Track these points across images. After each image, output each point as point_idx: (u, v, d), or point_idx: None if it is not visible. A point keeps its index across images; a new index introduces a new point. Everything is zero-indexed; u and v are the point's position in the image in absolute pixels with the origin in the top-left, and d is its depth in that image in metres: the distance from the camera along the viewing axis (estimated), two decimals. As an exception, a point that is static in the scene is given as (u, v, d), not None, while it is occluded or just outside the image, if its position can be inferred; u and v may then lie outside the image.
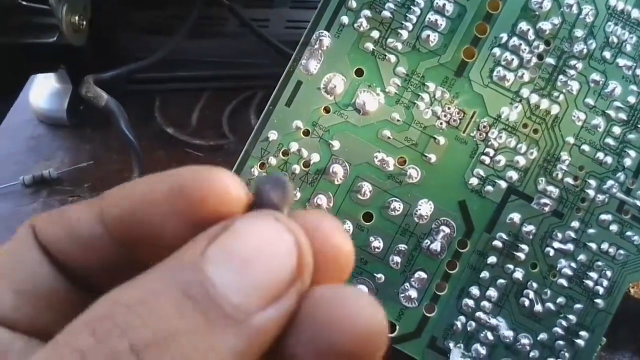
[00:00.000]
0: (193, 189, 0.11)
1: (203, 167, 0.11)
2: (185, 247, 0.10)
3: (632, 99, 0.23)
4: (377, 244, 0.23)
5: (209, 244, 0.10)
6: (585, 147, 0.23)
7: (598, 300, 0.23)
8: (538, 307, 0.23)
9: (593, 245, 0.23)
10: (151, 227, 0.11)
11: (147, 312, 0.09)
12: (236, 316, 0.09)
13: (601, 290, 0.23)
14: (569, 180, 0.23)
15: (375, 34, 0.23)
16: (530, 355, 0.23)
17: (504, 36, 0.23)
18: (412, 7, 0.23)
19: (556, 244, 0.23)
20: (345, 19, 0.23)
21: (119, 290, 0.10)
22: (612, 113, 0.23)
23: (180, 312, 0.09)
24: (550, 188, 0.23)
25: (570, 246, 0.23)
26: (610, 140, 0.23)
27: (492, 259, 0.23)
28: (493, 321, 0.23)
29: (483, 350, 0.23)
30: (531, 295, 0.23)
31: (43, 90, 0.37)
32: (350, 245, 0.11)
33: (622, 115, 0.23)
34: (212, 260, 0.10)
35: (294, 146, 0.24)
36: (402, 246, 0.24)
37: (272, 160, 0.24)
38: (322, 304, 0.10)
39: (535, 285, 0.23)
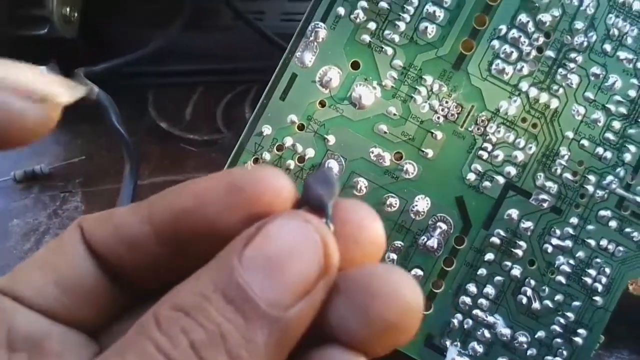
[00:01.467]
0: (250, 186, 0.12)
1: (257, 167, 0.13)
2: (224, 251, 0.12)
3: (632, 93, 0.23)
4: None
5: (244, 247, 0.11)
6: (585, 142, 0.23)
7: (597, 298, 0.23)
8: (536, 305, 0.23)
9: (592, 242, 0.23)
10: (206, 223, 0.12)
11: (201, 316, 0.11)
12: (270, 313, 0.11)
13: (600, 287, 0.23)
14: (568, 175, 0.23)
15: (372, 25, 0.23)
16: (528, 353, 0.23)
17: (503, 28, 0.23)
18: (409, -2, 0.23)
19: (555, 241, 0.23)
20: (341, 10, 0.23)
21: (176, 294, 0.11)
22: (612, 107, 0.23)
23: (224, 315, 0.11)
24: (549, 184, 0.23)
25: (568, 243, 0.23)
26: (610, 135, 0.23)
27: (489, 256, 0.23)
28: (490, 319, 0.23)
29: (480, 349, 0.23)
30: (529, 292, 0.23)
31: (34, 84, 0.37)
32: (383, 235, 0.12)
33: (623, 110, 0.23)
34: (248, 264, 0.11)
35: (288, 141, 0.23)
36: (398, 243, 0.23)
37: (267, 156, 0.23)
38: (373, 279, 0.12)
39: (533, 282, 0.23)
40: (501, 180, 0.23)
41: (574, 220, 0.23)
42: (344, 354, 0.12)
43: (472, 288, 0.23)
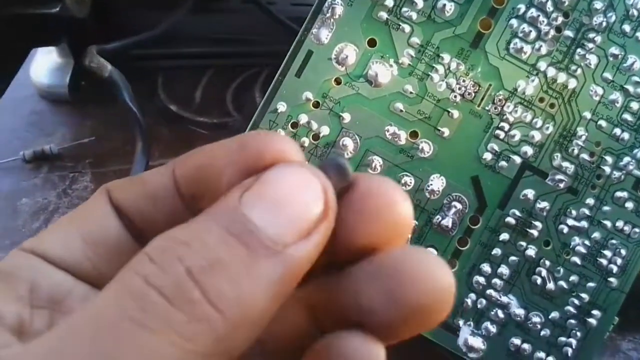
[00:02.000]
0: (253, 145, 0.12)
1: (265, 131, 0.14)
2: (223, 196, 0.11)
3: (651, 74, 0.22)
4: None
5: (244, 192, 0.11)
6: (602, 123, 0.23)
7: (612, 279, 0.23)
8: (550, 285, 0.23)
9: (608, 223, 0.23)
10: (214, 178, 0.13)
11: (199, 245, 0.10)
12: (274, 247, 0.11)
13: (615, 268, 0.23)
14: (585, 156, 0.23)
15: (389, 2, 0.23)
16: (541, 334, 0.23)
17: (522, 7, 0.23)
18: (427, -24, 0.23)
19: (570, 221, 0.23)
20: (358, -13, 0.23)
21: (173, 230, 0.11)
22: (630, 88, 0.23)
23: (226, 245, 0.10)
24: (566, 164, 0.23)
25: (584, 223, 0.23)
26: (627, 116, 0.23)
27: (504, 236, 0.23)
28: (504, 299, 0.23)
29: (493, 329, 0.23)
30: (543, 273, 0.23)
31: (44, 65, 0.37)
32: (411, 214, 0.12)
33: (641, 91, 0.23)
34: (248, 203, 0.11)
35: (303, 118, 0.23)
36: (413, 222, 0.23)
37: (281, 133, 0.23)
38: (404, 263, 0.12)
39: (547, 263, 0.23)
40: (518, 160, 0.23)
41: (590, 201, 0.23)
42: (365, 342, 0.12)
43: (486, 268, 0.23)
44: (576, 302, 0.23)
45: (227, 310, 0.10)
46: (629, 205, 0.23)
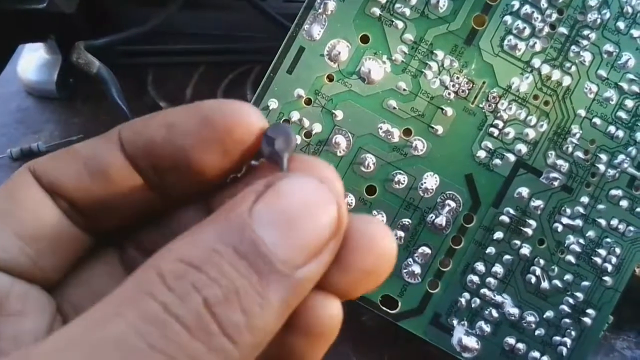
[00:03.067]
0: (221, 120, 0.12)
1: (228, 100, 0.12)
2: (232, 203, 0.11)
3: (645, 71, 0.22)
4: (380, 218, 0.23)
5: (255, 202, 0.11)
6: (597, 120, 0.22)
7: (606, 278, 0.23)
8: (545, 284, 0.22)
9: (602, 222, 0.23)
10: (182, 154, 0.12)
11: (213, 273, 0.10)
12: (284, 271, 0.11)
13: (609, 267, 0.23)
14: (579, 154, 0.23)
15: (382, -2, 0.22)
16: (536, 334, 0.23)
17: (516, 4, 0.22)
18: (421, -29, 0.22)
19: (565, 220, 0.23)
20: (351, -17, 0.22)
21: (180, 247, 0.11)
22: (624, 85, 0.22)
23: (238, 271, 0.10)
24: (560, 162, 0.23)
25: (579, 222, 0.23)
26: (622, 114, 0.22)
27: (498, 235, 0.23)
28: (498, 298, 0.23)
29: (487, 328, 0.23)
30: (538, 272, 0.23)
31: (32, 62, 0.36)
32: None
33: (635, 88, 0.22)
34: (259, 219, 0.11)
35: (295, 115, 0.23)
36: (406, 220, 0.23)
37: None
38: (350, 233, 0.12)
39: (542, 261, 0.23)
40: (512, 158, 0.23)
41: (585, 199, 0.23)
42: (326, 299, 0.12)
43: (480, 267, 0.23)
44: (571, 301, 0.23)
45: (241, 341, 0.10)
46: (624, 203, 0.23)
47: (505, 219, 0.23)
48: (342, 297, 0.12)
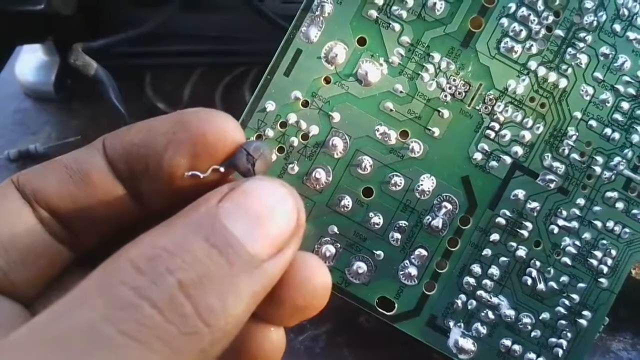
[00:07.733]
0: (195, 124, 0.12)
1: (204, 108, 0.13)
2: (199, 200, 0.12)
3: (641, 74, 0.22)
4: (377, 220, 0.23)
5: (221, 200, 0.11)
6: (593, 123, 0.23)
7: (602, 280, 0.23)
8: (541, 286, 0.23)
9: (598, 223, 0.23)
10: (156, 155, 0.13)
11: (188, 257, 0.10)
12: (253, 263, 0.11)
13: (605, 269, 0.23)
14: (576, 156, 0.23)
15: (379, 0, 0.22)
16: (532, 335, 0.23)
17: (513, 6, 0.22)
18: (417, -26, 0.22)
19: (561, 222, 0.23)
20: (348, -15, 0.22)
21: (152, 237, 0.11)
22: (621, 88, 0.22)
23: (210, 258, 0.11)
24: (556, 164, 0.23)
25: (575, 224, 0.23)
26: (618, 116, 0.23)
27: (494, 237, 0.23)
28: (494, 300, 0.23)
29: (484, 330, 0.23)
30: (534, 273, 0.23)
31: (30, 63, 0.36)
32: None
33: (631, 90, 0.22)
34: (227, 214, 0.11)
35: (292, 117, 0.23)
36: (403, 222, 0.23)
37: (270, 132, 0.23)
38: (290, 267, 0.13)
39: (538, 263, 0.23)
40: (508, 160, 0.23)
41: (581, 201, 0.23)
42: (265, 328, 0.13)
43: (476, 269, 0.23)
44: (567, 302, 0.23)
45: (215, 324, 0.10)
46: (620, 205, 0.23)
47: (501, 221, 0.23)
48: (279, 325, 0.13)
